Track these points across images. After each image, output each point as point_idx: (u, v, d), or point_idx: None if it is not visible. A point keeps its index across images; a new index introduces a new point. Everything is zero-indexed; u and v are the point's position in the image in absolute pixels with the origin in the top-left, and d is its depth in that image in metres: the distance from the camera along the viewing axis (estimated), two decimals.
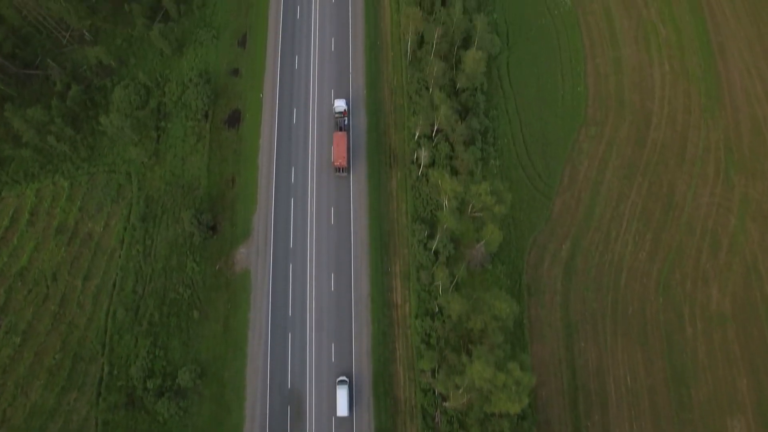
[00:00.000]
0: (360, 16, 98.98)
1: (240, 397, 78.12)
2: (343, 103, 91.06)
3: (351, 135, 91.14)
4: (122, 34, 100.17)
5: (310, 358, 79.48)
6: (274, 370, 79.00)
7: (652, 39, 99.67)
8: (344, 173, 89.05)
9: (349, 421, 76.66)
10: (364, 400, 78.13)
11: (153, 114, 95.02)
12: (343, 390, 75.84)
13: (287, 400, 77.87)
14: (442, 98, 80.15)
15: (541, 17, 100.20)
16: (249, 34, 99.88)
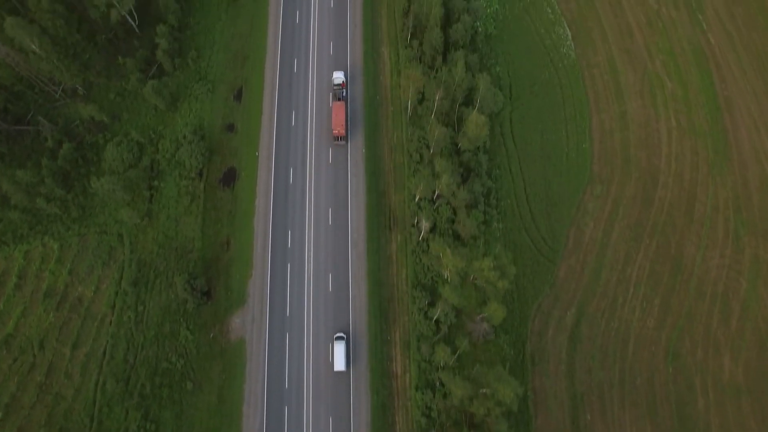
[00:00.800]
0: (359, 72, 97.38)
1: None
2: (342, 75, 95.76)
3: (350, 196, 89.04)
4: (116, 88, 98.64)
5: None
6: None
7: (658, 93, 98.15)
8: (342, 141, 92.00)
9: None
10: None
11: (146, 172, 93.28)
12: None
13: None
14: (444, 166, 78.44)
15: (544, 70, 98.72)
16: (245, 87, 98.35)
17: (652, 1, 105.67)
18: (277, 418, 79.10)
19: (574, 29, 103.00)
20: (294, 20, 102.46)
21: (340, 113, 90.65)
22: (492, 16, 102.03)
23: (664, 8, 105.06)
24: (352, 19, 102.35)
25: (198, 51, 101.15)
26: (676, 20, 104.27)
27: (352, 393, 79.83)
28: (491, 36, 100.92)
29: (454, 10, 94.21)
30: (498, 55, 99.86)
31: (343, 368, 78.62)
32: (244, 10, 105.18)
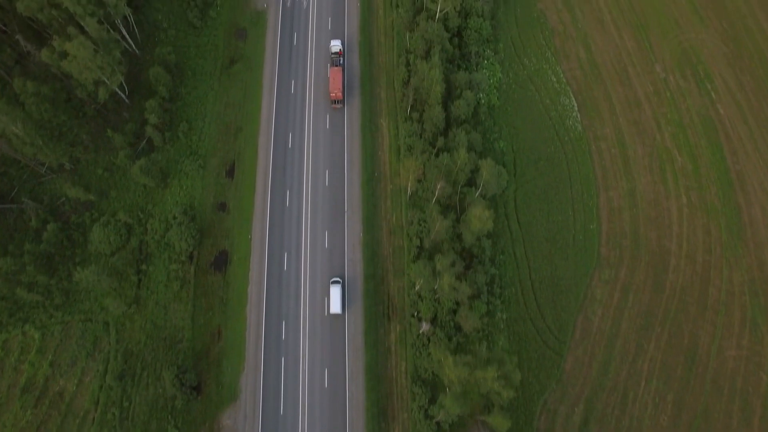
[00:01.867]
0: (356, 146, 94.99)
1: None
2: (339, 43, 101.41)
3: (347, 283, 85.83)
4: (104, 162, 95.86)
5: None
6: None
7: (668, 167, 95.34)
8: (339, 104, 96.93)
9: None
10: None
11: (134, 254, 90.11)
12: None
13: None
14: (445, 265, 75.17)
15: (550, 144, 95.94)
16: (238, 162, 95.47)
17: (659, 70, 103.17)
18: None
19: (580, 99, 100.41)
20: (289, 90, 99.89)
21: (337, 77, 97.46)
22: (495, 85, 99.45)
23: (671, 77, 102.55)
24: (349, 93, 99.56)
25: (189, 123, 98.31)
26: (684, 90, 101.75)
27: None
28: (494, 107, 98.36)
29: (456, 85, 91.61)
30: (502, 128, 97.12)
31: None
32: (238, 78, 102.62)
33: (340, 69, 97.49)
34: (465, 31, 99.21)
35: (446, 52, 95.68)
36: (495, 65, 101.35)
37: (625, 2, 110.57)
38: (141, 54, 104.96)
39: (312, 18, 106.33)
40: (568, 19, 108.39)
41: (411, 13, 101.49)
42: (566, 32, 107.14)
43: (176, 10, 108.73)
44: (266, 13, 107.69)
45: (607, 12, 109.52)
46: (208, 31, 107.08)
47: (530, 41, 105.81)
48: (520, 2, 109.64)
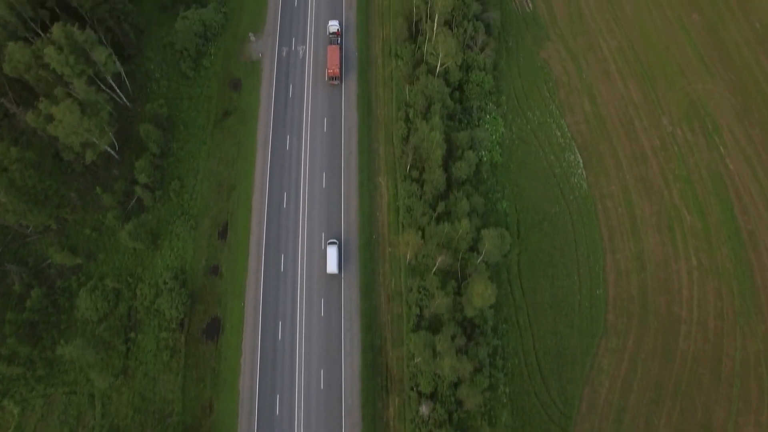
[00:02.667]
0: (354, 207, 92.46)
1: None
2: (337, 23, 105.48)
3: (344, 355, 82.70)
4: (92, 222, 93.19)
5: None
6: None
7: (677, 227, 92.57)
8: (336, 81, 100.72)
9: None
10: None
11: (122, 321, 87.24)
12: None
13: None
14: (446, 347, 72.06)
15: (554, 203, 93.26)
16: (230, 223, 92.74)
17: (666, 122, 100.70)
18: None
19: (585, 155, 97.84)
20: (284, 146, 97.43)
21: (334, 55, 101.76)
22: (497, 141, 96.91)
23: (678, 130, 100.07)
24: (347, 145, 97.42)
25: (181, 180, 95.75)
26: (692, 144, 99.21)
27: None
28: (497, 164, 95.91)
29: (457, 145, 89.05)
30: (505, 187, 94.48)
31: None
32: (231, 132, 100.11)
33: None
34: (467, 84, 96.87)
35: (447, 108, 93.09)
36: (497, 119, 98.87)
37: (630, 51, 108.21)
38: (132, 106, 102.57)
39: (308, 68, 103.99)
40: (572, 69, 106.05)
41: (410, 65, 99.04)
42: (571, 83, 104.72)
43: (169, 60, 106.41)
44: (261, 63, 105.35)
45: (612, 62, 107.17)
46: (201, 82, 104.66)
47: (534, 93, 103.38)
48: (524, 51, 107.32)
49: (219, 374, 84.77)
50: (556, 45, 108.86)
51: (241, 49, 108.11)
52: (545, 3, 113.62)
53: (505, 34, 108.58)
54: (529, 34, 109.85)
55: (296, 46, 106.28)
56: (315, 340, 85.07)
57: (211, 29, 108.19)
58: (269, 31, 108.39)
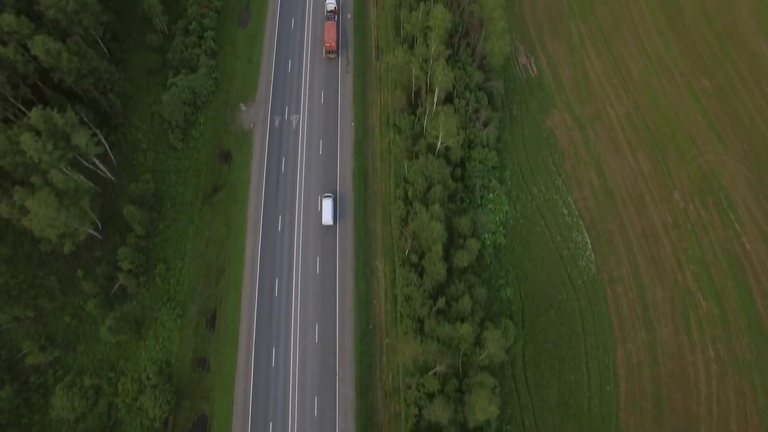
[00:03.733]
0: (350, 294, 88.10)
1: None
2: (334, 1, 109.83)
3: None
4: (72, 308, 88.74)
5: None
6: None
7: (692, 314, 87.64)
8: (333, 55, 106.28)
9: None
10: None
11: (102, 420, 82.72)
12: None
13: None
14: None
15: (561, 289, 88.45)
16: (219, 311, 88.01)
17: (677, 197, 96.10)
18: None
19: (593, 234, 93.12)
20: (276, 226, 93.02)
21: (331, 30, 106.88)
22: (501, 221, 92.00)
23: (691, 206, 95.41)
24: (342, 226, 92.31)
25: (167, 263, 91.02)
26: (706, 221, 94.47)
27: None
28: (501, 247, 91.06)
29: (459, 233, 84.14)
30: (508, 272, 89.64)
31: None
32: (221, 209, 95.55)
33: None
34: (469, 161, 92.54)
35: (448, 189, 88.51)
36: (501, 197, 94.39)
37: (638, 119, 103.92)
38: (117, 180, 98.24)
39: (302, 141, 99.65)
40: (579, 139, 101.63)
41: (410, 139, 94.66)
42: (577, 155, 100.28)
43: (157, 129, 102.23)
44: (252, 134, 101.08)
45: (620, 130, 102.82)
46: (190, 154, 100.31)
47: (539, 166, 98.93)
48: (528, 120, 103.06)
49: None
50: (562, 113, 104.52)
51: (232, 117, 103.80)
52: (550, 66, 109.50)
53: (509, 101, 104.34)
54: (534, 100, 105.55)
55: (289, 115, 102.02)
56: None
57: (200, 96, 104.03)
58: (261, 99, 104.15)
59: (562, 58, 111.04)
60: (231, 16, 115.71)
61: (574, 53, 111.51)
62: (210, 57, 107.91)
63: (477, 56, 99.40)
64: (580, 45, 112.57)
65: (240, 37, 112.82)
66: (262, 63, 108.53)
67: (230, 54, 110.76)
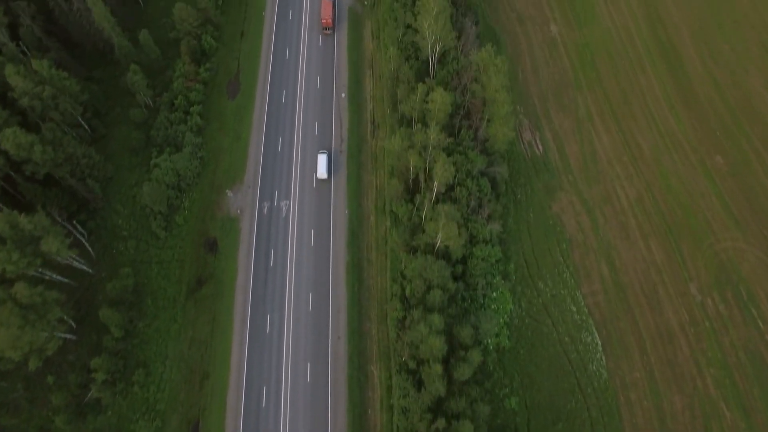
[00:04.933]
0: (342, 405, 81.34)
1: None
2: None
3: None
4: (39, 419, 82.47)
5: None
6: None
7: (714, 426, 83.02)
8: (329, 31, 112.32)
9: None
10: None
11: None
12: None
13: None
14: None
15: (570, 397, 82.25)
16: (203, 421, 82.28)
17: (694, 291, 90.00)
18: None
19: (604, 334, 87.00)
20: (264, 327, 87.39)
21: (328, 7, 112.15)
22: (506, 322, 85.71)
23: (709, 300, 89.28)
24: (335, 328, 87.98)
25: (146, 368, 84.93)
26: (726, 317, 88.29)
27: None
28: (505, 351, 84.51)
29: (460, 343, 77.68)
30: (513, 379, 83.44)
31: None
32: (206, 305, 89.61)
33: None
34: (471, 259, 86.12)
35: (448, 291, 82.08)
36: (505, 294, 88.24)
37: (650, 202, 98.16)
38: (95, 271, 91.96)
39: (292, 231, 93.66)
40: (587, 225, 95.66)
41: (408, 231, 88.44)
42: (586, 243, 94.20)
43: (138, 214, 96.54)
44: (240, 221, 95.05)
45: (631, 215, 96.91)
46: (173, 242, 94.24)
47: (545, 257, 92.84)
48: (534, 205, 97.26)
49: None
50: (570, 196, 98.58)
51: (218, 201, 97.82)
52: (556, 143, 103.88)
53: (513, 184, 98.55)
54: (540, 182, 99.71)
55: (279, 201, 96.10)
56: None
57: (185, 179, 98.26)
58: (249, 182, 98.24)
59: (569, 133, 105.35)
60: (219, 87, 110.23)
61: (582, 128, 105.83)
62: (196, 134, 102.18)
63: (479, 139, 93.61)
64: (587, 119, 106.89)
65: (228, 110, 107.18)
66: (251, 140, 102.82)
67: (217, 129, 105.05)
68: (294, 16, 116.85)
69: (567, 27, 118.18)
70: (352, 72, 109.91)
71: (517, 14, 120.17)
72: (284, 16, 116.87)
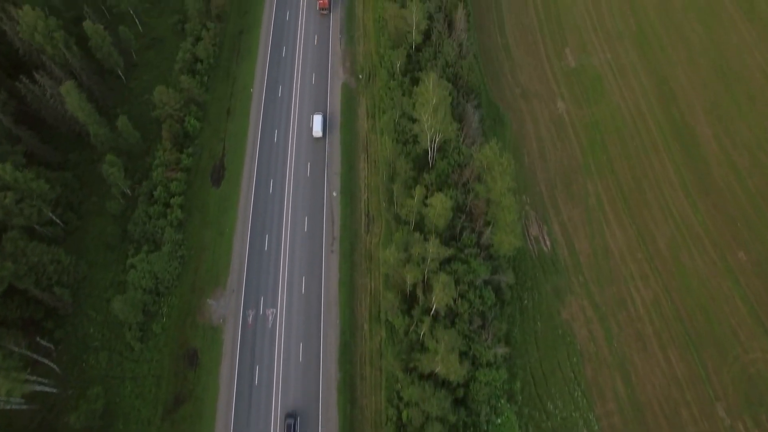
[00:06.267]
0: None
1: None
2: None
3: None
4: None
5: None
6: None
7: None
8: (326, 11, 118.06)
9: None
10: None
11: None
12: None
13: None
14: None
15: None
16: None
17: (721, 412, 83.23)
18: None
19: None
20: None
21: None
22: None
23: (740, 424, 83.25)
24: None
25: None
26: None
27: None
28: None
29: None
30: None
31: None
32: (182, 429, 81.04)
33: None
34: (473, 383, 78.24)
35: (448, 422, 74.22)
36: (511, 418, 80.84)
37: (668, 306, 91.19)
38: (61, 390, 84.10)
39: (279, 344, 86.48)
40: (600, 334, 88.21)
41: (405, 349, 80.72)
42: (599, 355, 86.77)
43: (111, 321, 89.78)
44: (222, 331, 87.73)
45: (648, 321, 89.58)
46: (150, 355, 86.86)
47: (555, 373, 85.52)
48: (541, 312, 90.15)
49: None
50: (580, 299, 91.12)
51: (199, 306, 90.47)
52: (565, 237, 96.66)
53: (519, 287, 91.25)
54: (548, 284, 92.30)
55: (265, 308, 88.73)
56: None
57: (164, 282, 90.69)
58: (233, 285, 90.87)
59: (579, 226, 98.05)
60: (203, 172, 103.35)
61: (592, 220, 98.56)
62: (176, 230, 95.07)
63: (482, 245, 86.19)
64: (598, 208, 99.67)
65: (212, 200, 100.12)
66: (235, 235, 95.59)
67: (200, 222, 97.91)
68: (284, 93, 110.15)
69: (575, 104, 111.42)
70: (345, 156, 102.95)
71: (522, 89, 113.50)
72: (273, 93, 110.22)
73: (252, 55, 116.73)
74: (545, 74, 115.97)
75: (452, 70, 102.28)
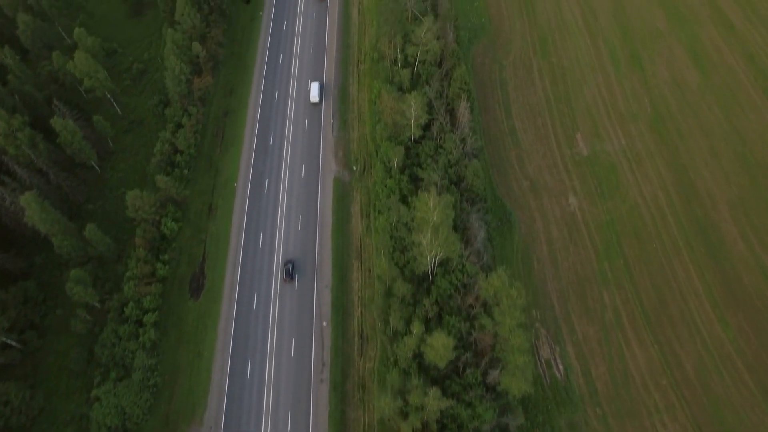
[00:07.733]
0: None
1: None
2: None
3: None
4: None
5: None
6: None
7: None
8: None
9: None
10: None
11: None
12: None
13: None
14: None
15: None
16: None
17: None
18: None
19: None
20: None
21: None
22: None
23: None
24: None
25: None
26: None
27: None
28: None
29: None
30: None
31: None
32: None
33: None
34: None
35: None
36: None
37: None
38: None
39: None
40: None
41: None
42: None
43: None
44: None
45: None
46: None
47: None
48: None
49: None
50: None
51: None
52: (580, 361, 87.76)
53: (530, 424, 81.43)
54: (562, 419, 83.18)
55: None
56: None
57: (133, 417, 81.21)
58: (211, 422, 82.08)
59: (595, 346, 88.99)
60: (181, 281, 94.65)
61: (610, 339, 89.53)
62: (149, 353, 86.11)
63: (488, 384, 76.98)
64: (616, 325, 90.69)
65: (190, 315, 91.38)
66: (214, 359, 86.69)
67: (176, 340, 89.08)
68: (270, 188, 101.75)
69: (588, 199, 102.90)
70: (337, 265, 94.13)
71: (531, 182, 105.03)
72: (259, 188, 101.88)
73: (237, 141, 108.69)
74: (555, 163, 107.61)
75: (455, 170, 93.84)
